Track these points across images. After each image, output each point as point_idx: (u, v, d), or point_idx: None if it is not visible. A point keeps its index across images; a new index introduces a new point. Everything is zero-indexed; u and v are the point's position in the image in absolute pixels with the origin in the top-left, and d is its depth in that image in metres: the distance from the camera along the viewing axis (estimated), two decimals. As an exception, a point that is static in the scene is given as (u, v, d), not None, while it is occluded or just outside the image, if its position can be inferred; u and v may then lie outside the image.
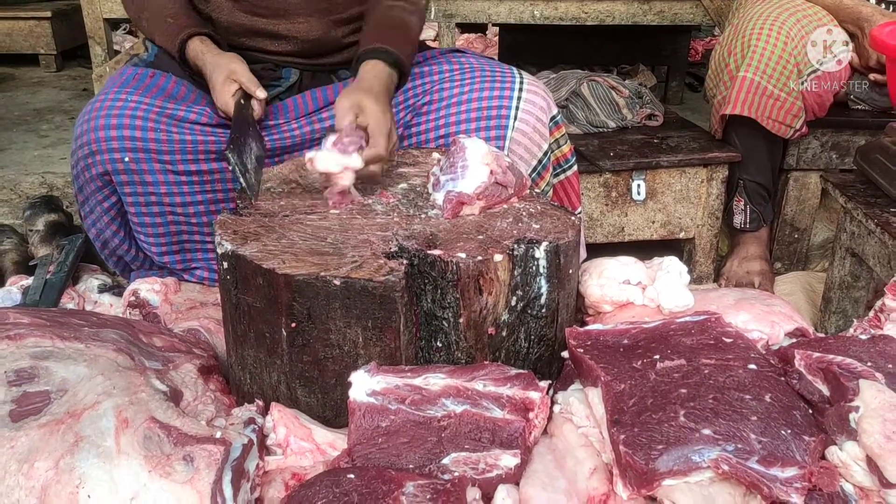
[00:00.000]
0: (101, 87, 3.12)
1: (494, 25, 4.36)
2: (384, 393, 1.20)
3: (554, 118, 1.82)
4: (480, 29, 4.93)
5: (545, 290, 1.34)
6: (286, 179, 1.57)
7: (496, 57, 3.83)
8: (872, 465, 1.04)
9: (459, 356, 1.32)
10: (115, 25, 3.82)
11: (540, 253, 1.31)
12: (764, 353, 1.29)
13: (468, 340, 1.31)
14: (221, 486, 1.05)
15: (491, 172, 1.44)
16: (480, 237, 1.34)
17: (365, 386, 1.20)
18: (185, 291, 1.73)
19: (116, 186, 1.64)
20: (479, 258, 1.27)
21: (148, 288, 1.68)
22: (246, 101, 1.60)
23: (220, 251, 1.31)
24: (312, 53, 1.80)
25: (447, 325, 1.29)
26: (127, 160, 1.60)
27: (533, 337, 1.36)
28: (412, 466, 1.14)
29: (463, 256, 1.26)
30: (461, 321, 1.29)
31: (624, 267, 1.55)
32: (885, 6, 2.24)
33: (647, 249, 2.11)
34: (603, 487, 1.13)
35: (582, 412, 1.24)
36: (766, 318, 1.42)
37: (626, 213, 2.28)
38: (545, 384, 1.24)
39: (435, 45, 3.19)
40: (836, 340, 1.27)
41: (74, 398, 1.12)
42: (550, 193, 1.87)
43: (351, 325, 1.24)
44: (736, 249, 2.35)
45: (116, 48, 3.69)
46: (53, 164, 2.78)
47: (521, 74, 1.79)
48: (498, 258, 1.28)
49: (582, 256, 1.85)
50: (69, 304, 1.87)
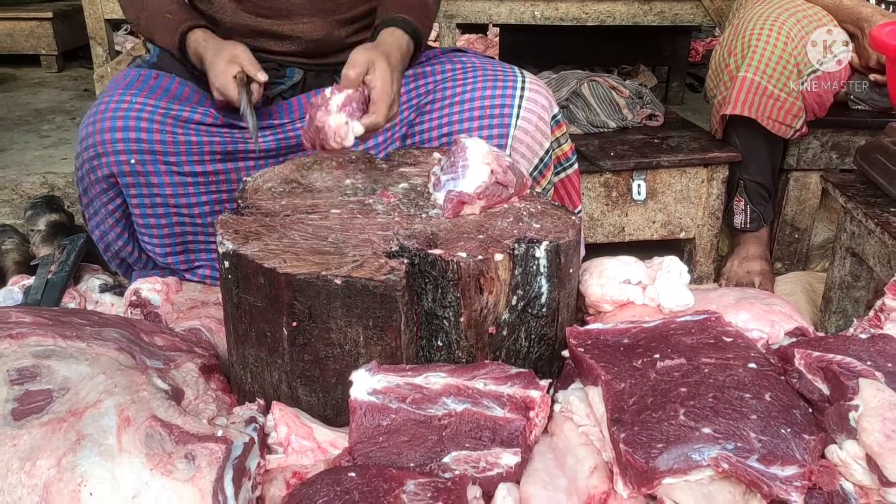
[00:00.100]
0: (102, 87, 3.14)
1: (495, 26, 4.36)
2: (385, 392, 1.20)
3: (555, 117, 1.82)
4: (481, 29, 4.93)
5: (546, 289, 1.34)
6: (287, 179, 1.58)
7: (497, 57, 3.83)
8: (872, 463, 1.05)
9: (460, 355, 1.32)
10: (116, 26, 3.82)
11: (540, 252, 1.31)
12: (764, 352, 1.29)
13: (469, 339, 1.31)
14: (223, 484, 1.05)
15: (491, 172, 1.44)
16: (481, 237, 1.34)
17: (366, 385, 1.20)
18: (186, 291, 1.74)
19: (122, 188, 1.65)
20: (479, 257, 1.27)
21: (149, 287, 1.69)
22: (246, 85, 1.59)
23: (221, 250, 1.32)
24: (316, 53, 1.81)
25: (448, 324, 1.30)
26: (133, 162, 1.60)
27: (533, 336, 1.37)
28: (413, 465, 1.14)
29: (464, 256, 1.27)
30: (462, 320, 1.30)
31: (624, 266, 1.55)
32: (884, 6, 2.24)
33: (647, 249, 2.11)
34: (603, 486, 1.13)
35: (582, 411, 1.25)
36: (766, 317, 1.42)
37: (626, 213, 2.28)
38: (545, 383, 1.24)
39: (436, 45, 3.19)
40: (835, 339, 1.27)
41: (76, 397, 1.12)
42: (551, 192, 1.87)
43: (352, 324, 1.24)
44: (736, 249, 2.35)
45: (118, 49, 3.70)
46: (55, 164, 2.78)
47: (522, 73, 1.80)
48: (498, 258, 1.28)
49: (581, 254, 1.86)
50: (70, 303, 1.87)
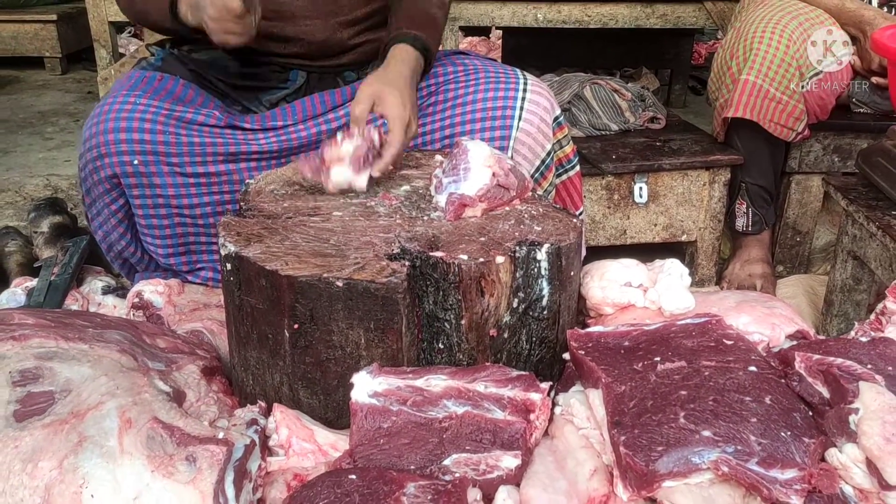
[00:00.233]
0: (105, 90, 3.14)
1: (498, 28, 4.37)
2: (386, 394, 1.20)
3: (557, 119, 1.83)
4: (484, 32, 4.93)
5: (547, 292, 1.34)
6: (289, 181, 1.58)
7: (499, 60, 3.83)
8: (872, 467, 1.05)
9: (461, 358, 1.32)
10: (120, 28, 3.84)
11: (541, 255, 1.31)
12: (764, 355, 1.29)
13: (470, 342, 1.32)
14: (224, 486, 1.05)
15: (493, 174, 1.45)
16: (482, 239, 1.35)
17: (367, 387, 1.21)
18: (188, 293, 1.74)
19: (125, 189, 1.65)
20: (480, 260, 1.27)
21: (151, 289, 1.69)
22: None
23: (223, 252, 1.32)
24: (319, 55, 1.82)
25: (449, 326, 1.30)
26: (136, 163, 1.61)
27: (534, 339, 1.37)
28: (413, 467, 1.14)
29: (465, 258, 1.27)
30: (463, 323, 1.30)
31: (625, 269, 1.55)
32: (887, 9, 2.24)
33: (649, 252, 2.10)
34: (603, 489, 1.13)
35: (583, 414, 1.25)
36: (766, 320, 1.42)
37: (628, 215, 2.28)
38: (546, 386, 1.24)
39: (439, 47, 3.19)
40: (836, 343, 1.27)
41: (78, 398, 1.13)
42: (553, 194, 1.87)
43: (353, 326, 1.25)
44: (738, 252, 2.35)
45: (121, 51, 3.71)
46: (58, 166, 2.80)
47: (524, 76, 1.80)
48: (500, 260, 1.28)
49: (581, 256, 1.86)
50: (73, 305, 1.88)
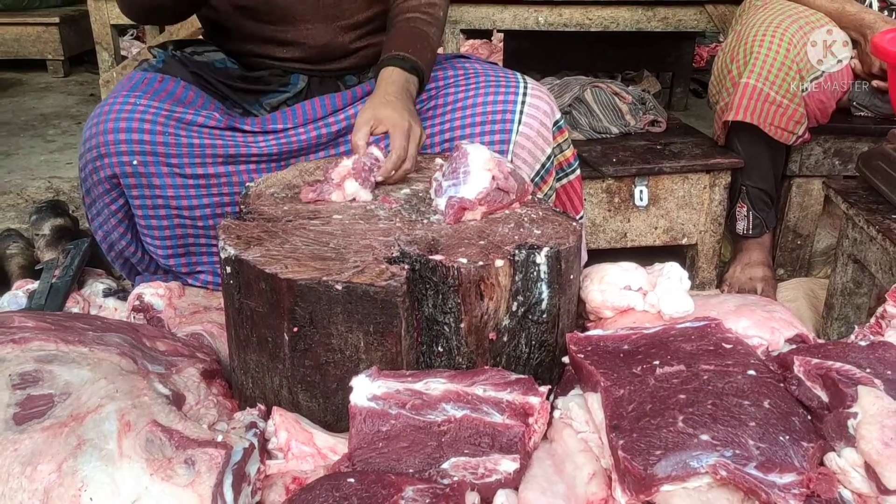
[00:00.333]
0: (108, 92, 3.15)
1: (499, 31, 4.37)
2: (385, 398, 1.20)
3: (557, 123, 1.83)
4: (486, 35, 4.94)
5: (546, 295, 1.34)
6: (290, 185, 1.58)
7: (501, 63, 3.84)
8: (871, 471, 1.05)
9: (460, 361, 1.32)
10: (122, 31, 3.85)
11: (541, 258, 1.31)
12: (763, 359, 1.29)
13: (469, 345, 1.32)
14: (222, 489, 1.06)
15: (493, 178, 1.45)
16: (482, 242, 1.35)
17: (366, 390, 1.21)
18: (189, 296, 1.74)
19: (124, 189, 1.66)
20: (480, 263, 1.27)
21: (152, 292, 1.69)
22: None
23: (223, 256, 1.32)
24: (320, 59, 1.82)
25: (448, 330, 1.30)
26: (135, 163, 1.61)
27: (534, 342, 1.37)
28: (412, 471, 1.14)
29: (464, 262, 1.27)
30: (462, 326, 1.30)
31: (625, 272, 1.55)
32: (887, 13, 2.24)
33: (649, 255, 2.11)
34: (602, 493, 1.13)
35: (581, 417, 1.25)
36: (766, 324, 1.42)
37: (628, 218, 2.28)
38: (545, 389, 1.24)
39: (440, 50, 3.19)
40: (835, 347, 1.27)
41: (78, 401, 1.13)
42: (553, 197, 1.88)
43: (352, 329, 1.25)
44: (739, 256, 2.35)
45: (123, 54, 3.72)
46: (60, 168, 2.80)
47: (524, 79, 1.80)
48: (499, 263, 1.28)
49: (583, 260, 1.86)
50: (74, 307, 1.88)
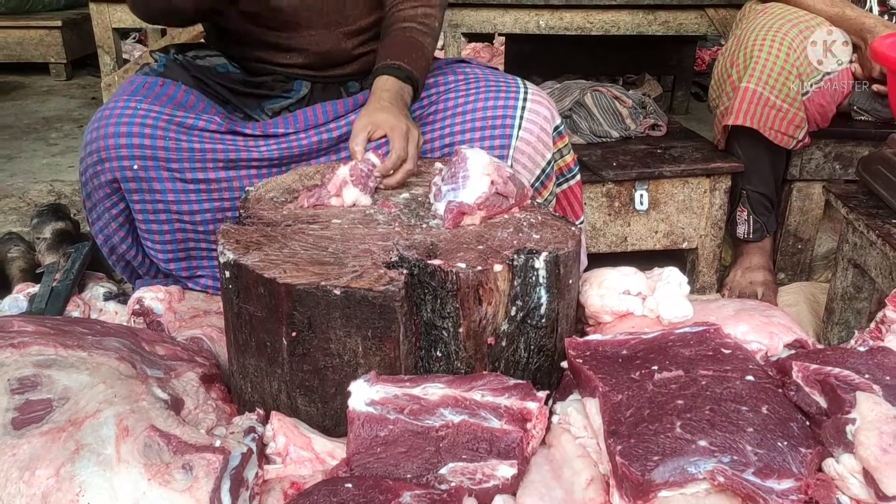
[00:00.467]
0: (109, 95, 3.16)
1: (500, 35, 4.37)
2: (383, 402, 1.20)
3: (557, 128, 1.83)
4: (487, 38, 4.94)
5: (545, 300, 1.34)
6: (289, 189, 1.59)
7: (503, 66, 3.84)
8: (869, 477, 1.04)
9: (459, 366, 1.32)
10: (124, 35, 3.86)
11: (539, 263, 1.32)
12: (762, 364, 1.29)
13: (468, 350, 1.32)
14: (220, 494, 1.06)
15: (492, 183, 1.45)
16: (480, 247, 1.35)
17: (364, 395, 1.21)
18: (188, 300, 1.75)
19: (125, 193, 1.66)
20: (478, 268, 1.27)
21: (152, 296, 1.70)
22: None
23: (222, 260, 1.33)
24: (323, 65, 1.83)
25: (447, 334, 1.30)
26: (136, 168, 1.62)
27: (532, 347, 1.37)
28: (410, 476, 1.14)
29: (463, 266, 1.27)
30: (461, 331, 1.30)
31: (624, 277, 1.55)
32: (887, 17, 2.24)
33: (649, 259, 2.11)
34: (600, 498, 1.13)
35: (580, 423, 1.25)
36: (765, 329, 1.42)
37: (628, 222, 2.28)
38: (543, 394, 1.24)
39: (440, 54, 3.20)
40: (834, 352, 1.26)
41: (76, 406, 1.13)
42: (553, 203, 1.87)
43: (351, 334, 1.25)
44: (739, 260, 2.34)
45: (125, 57, 3.73)
46: (62, 172, 2.81)
47: (525, 84, 1.80)
48: (497, 268, 1.28)
49: (583, 265, 1.86)
50: (75, 311, 1.88)
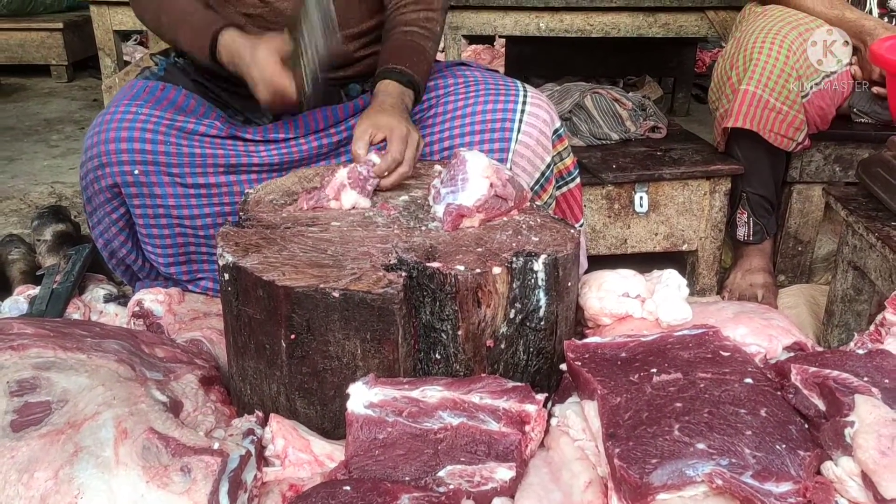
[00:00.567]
0: (110, 97, 3.16)
1: (501, 37, 4.38)
2: (382, 405, 1.21)
3: (557, 131, 1.83)
4: (488, 40, 4.95)
5: (544, 302, 1.34)
6: (289, 191, 1.59)
7: (503, 68, 3.84)
8: (867, 480, 1.04)
9: (458, 368, 1.32)
10: (125, 37, 3.87)
11: (538, 266, 1.32)
12: (761, 367, 1.29)
13: (466, 353, 1.32)
14: (218, 497, 1.06)
15: (491, 185, 1.45)
16: (479, 250, 1.35)
17: (363, 398, 1.21)
18: (188, 302, 1.75)
19: (125, 198, 1.66)
20: (477, 271, 1.27)
21: (152, 298, 1.70)
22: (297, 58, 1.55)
23: (221, 263, 1.33)
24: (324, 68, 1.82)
25: (446, 337, 1.30)
26: (136, 173, 1.62)
27: (531, 349, 1.37)
28: (408, 479, 1.14)
29: (462, 269, 1.27)
30: (459, 333, 1.30)
31: (623, 280, 1.55)
32: (887, 19, 2.24)
33: (649, 262, 2.11)
34: (598, 501, 1.13)
35: (578, 425, 1.25)
36: (764, 331, 1.42)
37: (628, 225, 2.28)
38: (542, 397, 1.24)
39: (441, 56, 3.20)
40: (832, 355, 1.26)
41: (75, 408, 1.13)
42: (553, 206, 1.88)
43: (350, 336, 1.25)
44: (739, 262, 2.34)
45: (126, 59, 3.74)
46: (63, 174, 2.81)
47: (524, 87, 1.80)
48: (496, 271, 1.28)
49: (583, 268, 1.86)
50: (75, 313, 1.89)
